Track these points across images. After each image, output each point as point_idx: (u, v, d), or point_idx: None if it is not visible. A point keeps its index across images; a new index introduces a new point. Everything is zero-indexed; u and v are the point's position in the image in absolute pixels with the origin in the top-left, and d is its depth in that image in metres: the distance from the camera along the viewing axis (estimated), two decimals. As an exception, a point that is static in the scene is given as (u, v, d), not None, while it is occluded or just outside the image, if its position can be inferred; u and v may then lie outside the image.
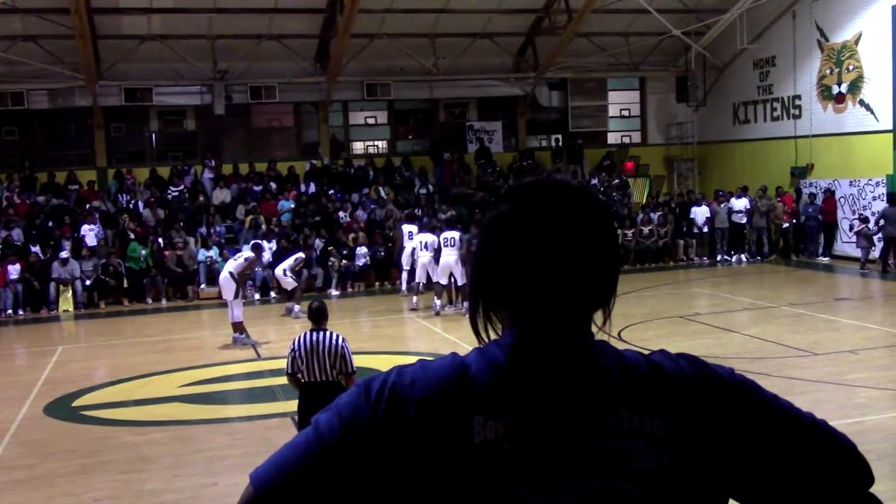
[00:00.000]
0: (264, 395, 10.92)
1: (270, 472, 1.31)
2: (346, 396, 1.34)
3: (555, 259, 1.33)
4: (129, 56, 21.38)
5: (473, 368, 1.32)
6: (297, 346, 6.88)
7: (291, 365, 6.94)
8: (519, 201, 1.37)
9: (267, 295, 19.44)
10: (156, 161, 23.41)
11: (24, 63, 20.19)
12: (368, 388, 1.33)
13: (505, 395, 1.29)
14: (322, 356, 6.79)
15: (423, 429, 1.28)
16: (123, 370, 12.62)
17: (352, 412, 1.31)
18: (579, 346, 1.34)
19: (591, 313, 1.37)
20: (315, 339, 6.86)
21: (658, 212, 22.91)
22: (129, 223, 20.40)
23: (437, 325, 14.77)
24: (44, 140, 23.20)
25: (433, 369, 1.33)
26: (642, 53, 24.96)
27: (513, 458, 1.27)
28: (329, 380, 6.82)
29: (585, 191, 1.39)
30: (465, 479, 1.27)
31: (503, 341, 1.36)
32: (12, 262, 18.63)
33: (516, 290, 1.35)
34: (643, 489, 1.28)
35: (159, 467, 8.29)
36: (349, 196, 22.60)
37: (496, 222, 1.38)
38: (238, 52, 21.93)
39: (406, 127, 26.26)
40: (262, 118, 24.66)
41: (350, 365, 6.87)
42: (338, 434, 1.29)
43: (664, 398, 1.33)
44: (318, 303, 7.35)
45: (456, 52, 23.18)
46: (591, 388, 1.31)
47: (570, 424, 1.29)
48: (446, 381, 1.31)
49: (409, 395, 1.30)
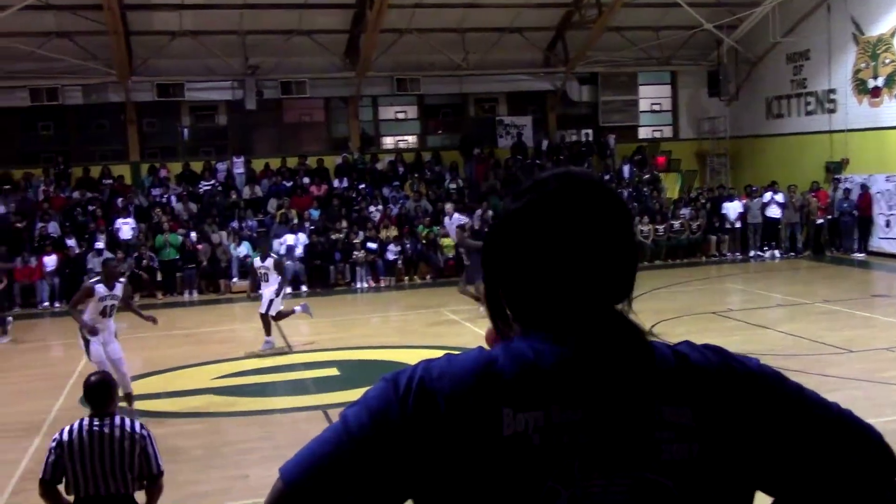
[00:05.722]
0: (296, 388, 11.00)
1: (299, 466, 1.31)
2: (373, 391, 1.34)
3: (574, 254, 1.33)
4: (161, 52, 21.59)
5: (500, 362, 1.32)
6: (65, 440, 4.67)
7: (52, 469, 4.65)
8: (533, 197, 1.37)
9: (298, 288, 19.56)
10: (188, 156, 23.62)
11: (58, 59, 20.44)
12: (396, 382, 1.33)
13: (534, 388, 1.29)
14: (109, 456, 4.66)
15: (453, 421, 1.28)
16: (157, 362, 12.77)
17: (380, 405, 1.31)
18: (605, 339, 1.34)
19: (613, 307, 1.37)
20: (96, 429, 4.71)
21: (689, 207, 22.75)
22: (161, 217, 20.64)
23: (464, 319, 14.77)
24: (78, 135, 23.49)
25: (460, 363, 1.34)
26: (673, 47, 24.77)
27: (542, 451, 1.27)
28: (118, 493, 4.67)
29: (601, 183, 1.39)
30: (494, 470, 1.27)
31: (527, 335, 1.36)
32: (48, 255, 18.96)
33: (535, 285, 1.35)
34: (673, 480, 1.28)
35: (192, 459, 8.38)
36: (379, 191, 22.67)
37: (511, 219, 1.38)
38: (269, 47, 22.05)
39: (436, 122, 26.27)
40: (292, 113, 24.77)
41: (157, 463, 4.78)
42: (367, 427, 1.30)
43: (692, 388, 1.33)
44: (98, 376, 5.20)
45: (485, 46, 23.14)
46: (623, 379, 1.31)
47: (603, 416, 1.29)
48: (474, 375, 1.31)
49: (437, 388, 1.30)
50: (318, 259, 20.16)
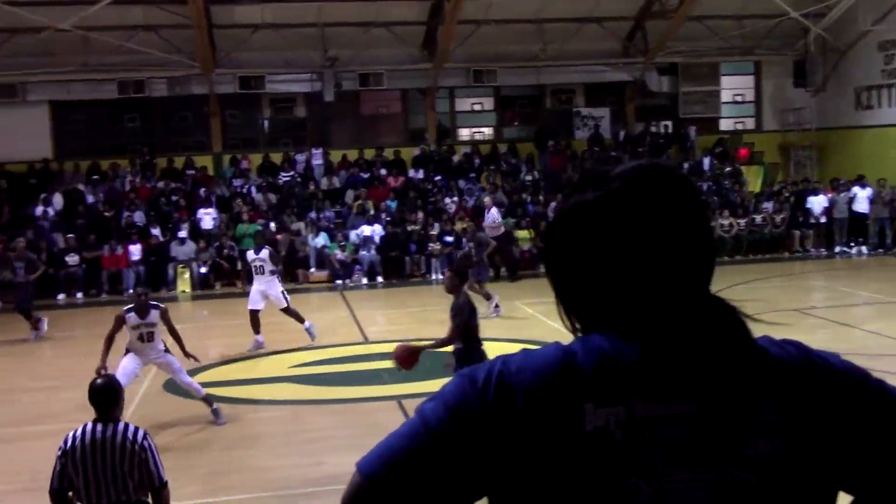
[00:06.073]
0: (370, 378, 11.11)
1: (377, 460, 1.31)
2: (450, 386, 1.34)
3: (650, 247, 1.31)
4: (242, 45, 22.00)
5: (579, 357, 1.31)
6: (69, 447, 4.64)
7: (59, 477, 4.63)
8: (608, 189, 1.34)
9: (374, 279, 19.74)
10: (268, 147, 24.04)
11: (144, 52, 21.01)
12: (473, 377, 1.32)
13: (614, 383, 1.28)
14: (111, 464, 4.60)
15: (533, 416, 1.27)
16: (236, 350, 13.05)
17: (458, 400, 1.31)
18: (689, 333, 1.31)
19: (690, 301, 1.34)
20: (98, 435, 4.65)
21: (772, 201, 22.19)
22: (242, 207, 21.07)
23: (539, 312, 14.70)
24: (163, 127, 24.11)
25: (538, 357, 1.32)
26: (757, 36, 24.14)
27: (625, 446, 1.26)
28: (123, 500, 4.64)
29: (678, 174, 1.37)
30: (576, 466, 1.26)
31: (602, 330, 1.34)
32: (134, 243, 19.55)
33: (610, 279, 1.33)
34: (757, 476, 1.26)
35: (269, 445, 8.55)
36: (455, 182, 22.70)
37: (583, 211, 1.35)
38: (347, 39, 22.27)
39: (512, 113, 26.16)
40: (370, 105, 24.97)
41: (159, 475, 4.70)
42: (445, 422, 1.30)
43: (773, 383, 1.31)
44: (104, 379, 5.08)
45: (563, 36, 22.93)
46: (709, 374, 1.29)
47: (691, 412, 1.27)
48: (553, 370, 1.30)
49: (516, 383, 1.29)
50: (394, 250, 20.31)
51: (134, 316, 9.15)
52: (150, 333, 9.20)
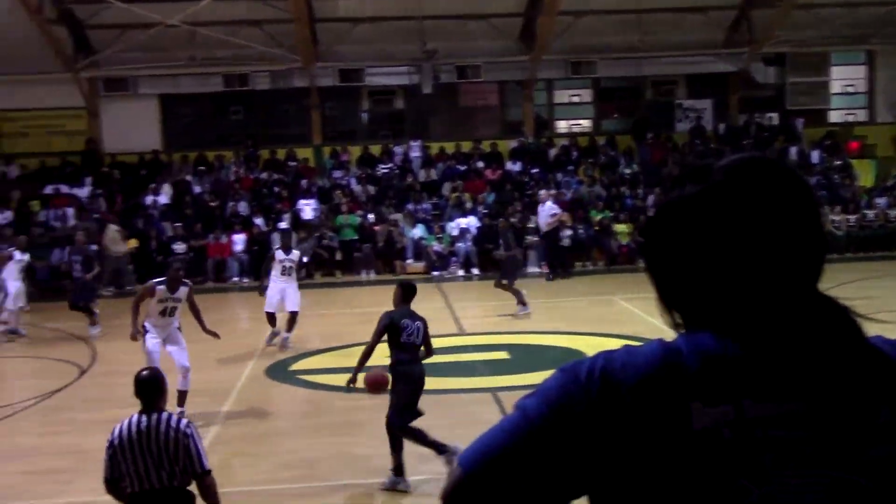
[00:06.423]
0: (466, 370, 11.14)
1: (477, 454, 1.31)
2: (551, 381, 1.33)
3: (759, 242, 1.27)
4: (343, 38, 22.33)
5: (684, 354, 1.28)
6: (116, 439, 4.82)
7: (110, 466, 4.83)
8: (708, 182, 1.31)
9: (469, 272, 19.80)
10: (367, 139, 24.35)
11: (248, 46, 21.55)
12: (576, 372, 1.31)
13: (723, 381, 1.25)
14: (156, 451, 4.77)
15: (638, 414, 1.25)
16: (336, 338, 13.28)
17: (560, 395, 1.30)
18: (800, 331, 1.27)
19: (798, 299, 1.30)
20: (143, 425, 4.82)
21: (885, 196, 21.31)
22: (341, 198, 21.42)
23: (639, 308, 14.47)
24: (265, 119, 24.69)
25: (643, 354, 1.30)
26: (871, 24, 23.16)
27: (734, 446, 1.22)
28: (170, 485, 4.81)
29: (787, 168, 1.32)
30: (683, 465, 1.24)
31: (706, 327, 1.31)
32: (238, 233, 20.12)
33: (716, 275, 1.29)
34: (874, 480, 1.22)
35: (368, 433, 8.66)
36: (553, 175, 22.56)
37: (681, 205, 1.32)
38: (445, 32, 22.36)
39: (611, 105, 25.81)
40: (467, 97, 25.01)
41: (200, 462, 4.82)
42: (546, 417, 1.28)
43: (891, 385, 1.26)
44: (148, 371, 5.23)
45: (664, 27, 22.49)
46: (820, 374, 1.25)
47: (802, 413, 1.23)
48: (658, 367, 1.28)
49: (620, 379, 1.28)
50: (491, 243, 20.28)
51: (164, 289, 9.29)
52: (173, 308, 9.36)
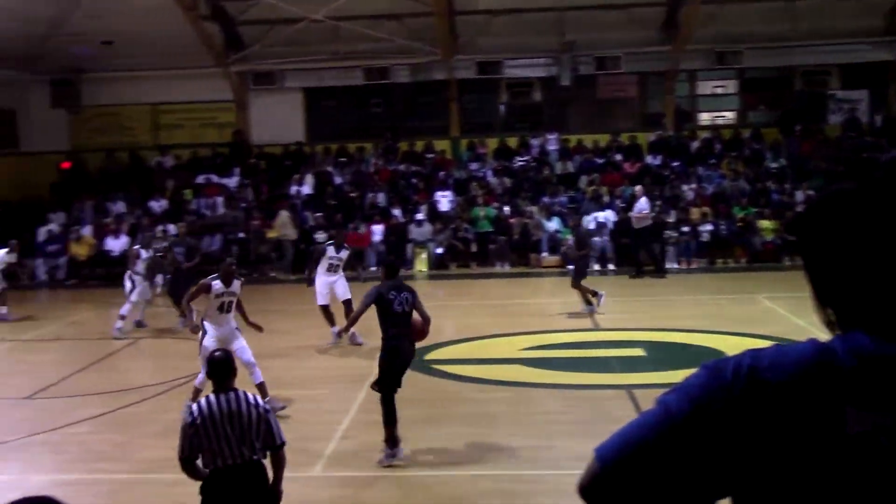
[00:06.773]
0: (599, 366, 11.04)
1: (616, 448, 1.30)
2: (694, 378, 1.31)
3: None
4: (482, 30, 22.42)
5: (840, 356, 1.24)
6: (197, 417, 5.04)
7: (189, 445, 5.04)
8: (869, 178, 1.26)
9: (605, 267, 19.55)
10: (504, 132, 24.38)
11: (388, 40, 21.94)
12: (720, 370, 1.29)
13: (881, 386, 1.20)
14: (237, 428, 5.02)
15: (786, 414, 1.22)
16: (470, 329, 13.40)
17: (703, 392, 1.28)
18: None
19: None
20: (224, 404, 5.09)
21: None
22: (478, 190, 21.54)
23: (783, 308, 13.92)
24: (404, 111, 25.08)
25: (794, 353, 1.27)
26: None
27: (892, 454, 1.18)
28: (250, 459, 5.04)
29: None
30: (836, 469, 1.20)
31: (865, 328, 1.26)
32: (376, 224, 20.57)
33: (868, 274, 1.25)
34: None
35: (500, 425, 8.72)
36: (694, 169, 21.96)
37: (840, 200, 1.28)
38: (584, 23, 22.08)
39: (757, 96, 24.85)
40: (606, 89, 24.61)
41: (279, 435, 5.16)
42: (688, 414, 1.27)
43: None
44: (221, 352, 5.60)
45: (816, 14, 21.48)
46: None
47: None
48: (810, 367, 1.24)
49: (767, 378, 1.25)
50: (627, 237, 19.96)
51: (220, 284, 9.34)
52: (230, 303, 9.42)
